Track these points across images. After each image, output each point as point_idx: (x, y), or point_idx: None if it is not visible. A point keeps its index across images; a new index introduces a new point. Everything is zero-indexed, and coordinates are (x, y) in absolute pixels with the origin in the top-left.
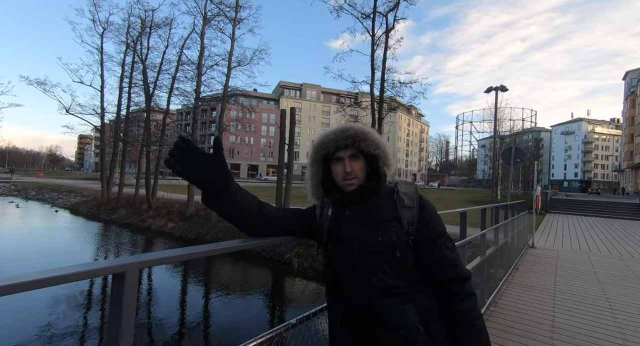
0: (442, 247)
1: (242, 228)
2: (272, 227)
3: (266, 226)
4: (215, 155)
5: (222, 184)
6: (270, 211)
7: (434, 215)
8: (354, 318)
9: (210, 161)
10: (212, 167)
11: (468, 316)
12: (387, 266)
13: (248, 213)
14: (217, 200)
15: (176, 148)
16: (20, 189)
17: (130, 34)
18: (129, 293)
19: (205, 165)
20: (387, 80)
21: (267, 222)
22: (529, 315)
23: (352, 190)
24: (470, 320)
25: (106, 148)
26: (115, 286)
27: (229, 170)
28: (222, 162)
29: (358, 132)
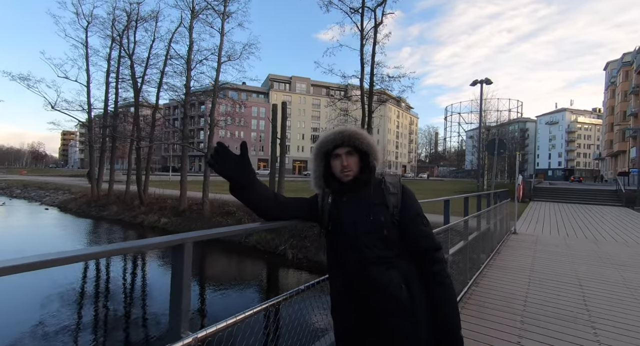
0: (419, 224)
1: (260, 214)
2: (283, 213)
3: (279, 213)
4: (242, 157)
5: (247, 179)
6: (283, 200)
7: (413, 200)
8: (351, 282)
9: (239, 161)
10: (240, 165)
11: (439, 276)
12: (377, 241)
13: (265, 202)
14: (243, 191)
15: (215, 152)
16: (4, 187)
17: (115, 27)
18: (187, 261)
19: (235, 164)
20: (376, 74)
21: (280, 209)
22: (506, 292)
23: (348, 180)
24: (441, 279)
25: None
26: (176, 255)
27: (252, 168)
28: (247, 161)
29: (353, 133)
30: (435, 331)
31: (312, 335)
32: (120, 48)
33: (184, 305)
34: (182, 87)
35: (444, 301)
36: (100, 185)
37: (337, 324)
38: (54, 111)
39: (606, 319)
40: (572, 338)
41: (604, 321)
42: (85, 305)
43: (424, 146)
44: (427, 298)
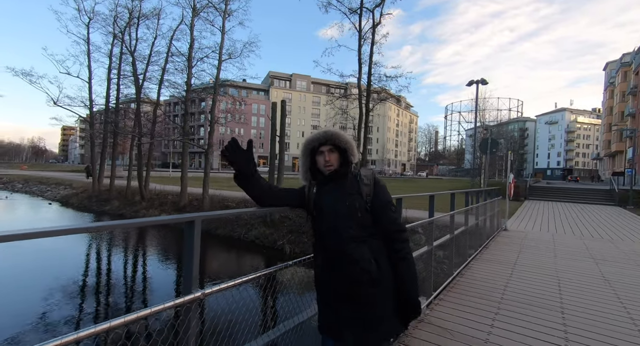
0: (388, 210)
1: (256, 201)
2: (276, 201)
3: (272, 200)
4: (248, 151)
5: (250, 170)
6: (276, 190)
7: (384, 190)
8: (331, 258)
9: (245, 154)
10: (245, 158)
11: (403, 253)
12: (352, 223)
13: (261, 191)
14: (244, 179)
15: (229, 144)
16: (5, 182)
17: (117, 24)
18: (197, 234)
19: (242, 156)
20: (374, 74)
21: (273, 198)
22: (488, 282)
23: (330, 173)
24: (404, 255)
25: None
26: (188, 229)
27: (255, 162)
28: (252, 156)
29: (334, 133)
30: (399, 296)
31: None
32: (122, 45)
33: (194, 268)
34: (183, 84)
35: (406, 273)
36: (101, 180)
37: (319, 292)
38: (55, 107)
39: (576, 306)
40: (541, 321)
41: (574, 307)
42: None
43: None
44: (393, 270)
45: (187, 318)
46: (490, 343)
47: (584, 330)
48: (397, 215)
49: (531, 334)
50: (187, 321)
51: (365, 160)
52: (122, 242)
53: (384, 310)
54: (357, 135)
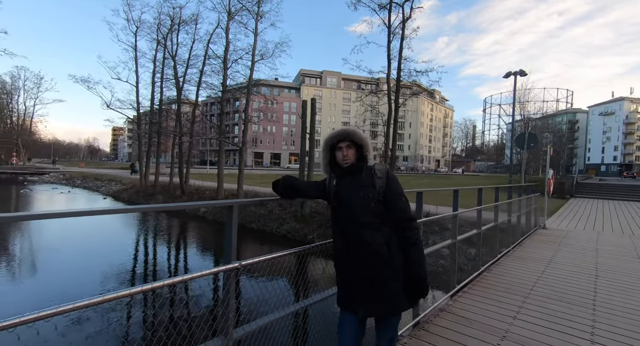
0: (399, 201)
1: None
2: (303, 195)
3: (299, 195)
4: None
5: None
6: (303, 185)
7: (395, 183)
8: (348, 242)
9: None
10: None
11: (412, 239)
12: (366, 211)
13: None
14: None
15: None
16: (67, 178)
17: (160, 31)
18: (235, 217)
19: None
20: (404, 70)
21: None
22: (517, 278)
23: (347, 166)
24: (414, 241)
25: (141, 139)
26: (227, 213)
27: (295, 187)
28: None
29: (352, 131)
30: (408, 277)
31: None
32: (164, 50)
33: (233, 243)
34: (219, 85)
35: (415, 256)
36: (147, 177)
37: (337, 271)
38: (108, 109)
39: (610, 304)
40: (568, 316)
41: (607, 305)
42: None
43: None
44: (403, 254)
45: (228, 282)
46: (510, 333)
47: (614, 326)
48: (407, 205)
49: (555, 328)
50: (228, 285)
51: (395, 156)
52: (166, 234)
53: (393, 288)
54: (386, 132)
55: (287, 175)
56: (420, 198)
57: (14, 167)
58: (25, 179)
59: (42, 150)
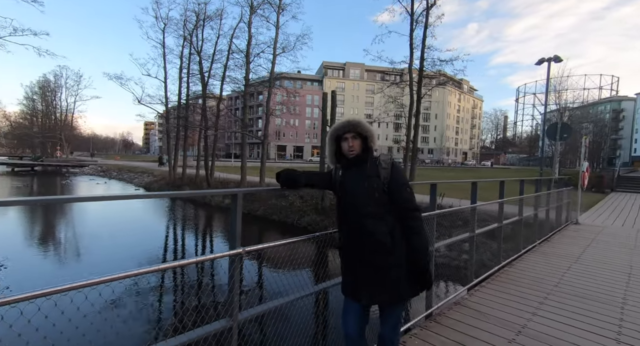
0: (403, 191)
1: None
2: (303, 185)
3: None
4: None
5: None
6: (302, 177)
7: (400, 173)
8: (352, 230)
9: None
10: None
11: (416, 229)
12: (370, 201)
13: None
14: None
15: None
16: (104, 170)
17: (187, 27)
18: (239, 205)
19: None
20: (427, 59)
21: (309, 185)
22: (540, 274)
23: (352, 157)
24: (416, 230)
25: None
26: (232, 201)
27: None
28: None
29: (357, 122)
30: (412, 266)
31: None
32: (190, 46)
33: (237, 230)
34: (242, 79)
35: (418, 245)
36: (176, 169)
37: (342, 259)
38: (139, 105)
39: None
40: (593, 314)
41: (638, 304)
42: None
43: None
44: (406, 243)
45: (233, 267)
46: (527, 328)
47: None
48: (411, 196)
49: (578, 325)
50: (233, 270)
51: (418, 148)
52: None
53: (396, 275)
54: (408, 123)
55: (290, 168)
56: (434, 190)
57: (59, 160)
58: (67, 171)
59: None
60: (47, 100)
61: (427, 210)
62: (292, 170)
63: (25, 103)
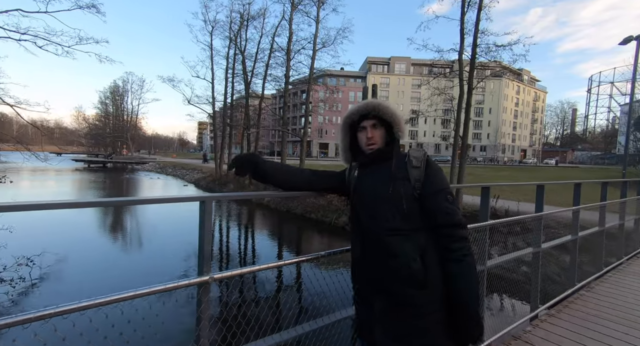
0: (441, 200)
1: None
2: (304, 185)
3: (302, 184)
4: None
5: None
6: (308, 173)
7: (438, 174)
8: (369, 250)
9: (249, 164)
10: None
11: (458, 254)
12: (395, 212)
13: (281, 176)
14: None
15: (237, 166)
16: (161, 167)
17: (232, 28)
18: (208, 215)
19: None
20: (480, 45)
21: (303, 181)
22: (628, 300)
23: (371, 152)
24: (460, 257)
25: (217, 132)
26: (201, 210)
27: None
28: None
29: (377, 104)
30: (451, 309)
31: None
32: (235, 47)
33: (206, 251)
34: (282, 76)
35: (462, 279)
36: (222, 166)
37: (355, 286)
38: (189, 105)
39: None
40: None
41: None
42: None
43: (554, 126)
44: (445, 274)
45: (199, 298)
46: None
47: None
48: (453, 206)
49: None
50: (199, 301)
51: (467, 145)
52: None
53: (428, 318)
54: (456, 117)
55: (253, 153)
56: (486, 194)
57: (125, 157)
58: (132, 167)
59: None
60: (117, 104)
61: (478, 218)
62: (253, 154)
63: (99, 107)
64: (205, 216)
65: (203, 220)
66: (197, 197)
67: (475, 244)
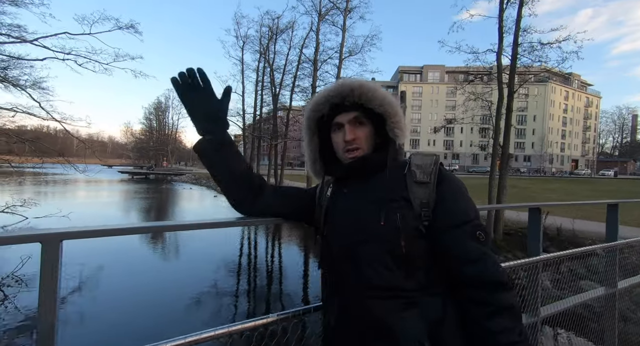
0: (467, 237)
1: (231, 193)
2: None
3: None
4: (224, 101)
5: (224, 135)
6: (263, 185)
7: (458, 194)
8: (347, 319)
9: (219, 105)
10: (218, 111)
11: (503, 340)
12: (389, 258)
13: (240, 178)
14: (215, 151)
15: (188, 74)
16: (197, 178)
17: (261, 42)
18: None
19: (212, 106)
20: (522, 44)
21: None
22: None
23: (353, 162)
24: (505, 341)
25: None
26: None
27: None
28: (226, 111)
29: (357, 86)
30: None
31: None
32: (265, 60)
33: (45, 324)
34: (309, 87)
35: None
36: None
37: None
38: None
39: None
40: None
41: None
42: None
43: (610, 134)
44: None
45: None
46: None
47: None
48: (487, 248)
49: None
50: None
51: (508, 154)
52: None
53: None
54: (495, 125)
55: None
56: (536, 218)
57: (164, 169)
58: (171, 179)
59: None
60: (159, 119)
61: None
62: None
63: (144, 123)
64: (46, 266)
65: (44, 271)
66: (31, 235)
67: (522, 288)
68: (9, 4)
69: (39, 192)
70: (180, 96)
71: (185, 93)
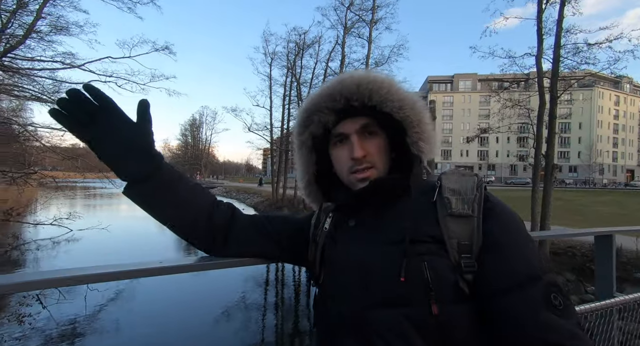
0: (537, 303)
1: (193, 242)
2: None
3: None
4: (143, 121)
5: (155, 172)
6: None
7: (516, 233)
8: None
9: (136, 128)
10: (136, 137)
11: None
12: (412, 329)
13: (196, 220)
14: (151, 197)
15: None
16: (227, 191)
17: (289, 58)
18: None
19: (125, 134)
20: (565, 46)
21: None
22: None
23: (364, 188)
24: None
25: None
26: None
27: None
28: (150, 134)
29: (366, 81)
30: None
31: None
32: (292, 75)
33: None
34: None
35: None
36: (278, 190)
37: None
38: (249, 132)
39: None
40: None
41: None
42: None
43: None
44: None
45: None
46: None
47: None
48: (570, 320)
49: None
50: None
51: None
52: None
53: None
54: (537, 133)
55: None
56: (606, 249)
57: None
58: None
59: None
60: (194, 134)
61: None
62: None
63: (180, 138)
64: None
65: None
66: None
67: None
68: (64, 35)
69: (88, 205)
70: (73, 132)
71: (78, 125)
